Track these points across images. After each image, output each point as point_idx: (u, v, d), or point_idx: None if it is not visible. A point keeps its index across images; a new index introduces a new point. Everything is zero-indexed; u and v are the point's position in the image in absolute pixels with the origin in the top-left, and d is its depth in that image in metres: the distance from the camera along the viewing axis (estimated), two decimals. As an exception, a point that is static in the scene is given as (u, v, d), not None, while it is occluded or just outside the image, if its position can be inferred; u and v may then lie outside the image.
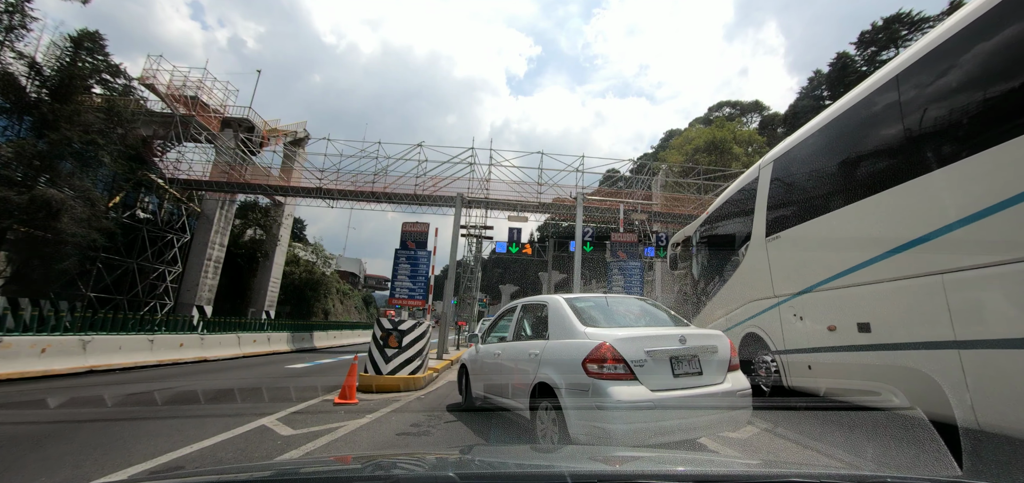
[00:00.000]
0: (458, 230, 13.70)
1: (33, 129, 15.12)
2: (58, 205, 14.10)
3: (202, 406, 6.22)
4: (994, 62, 3.13)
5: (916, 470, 3.30)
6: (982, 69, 3.23)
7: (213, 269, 22.61)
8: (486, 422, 4.92)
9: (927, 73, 3.65)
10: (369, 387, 7.05)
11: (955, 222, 3.28)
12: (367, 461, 1.68)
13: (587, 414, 3.15)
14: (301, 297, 32.04)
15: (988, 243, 3.08)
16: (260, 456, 3.69)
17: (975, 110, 3.23)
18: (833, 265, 4.48)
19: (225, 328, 15.81)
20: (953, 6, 31.08)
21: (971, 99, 3.27)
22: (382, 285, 69.61)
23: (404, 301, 8.57)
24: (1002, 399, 3.03)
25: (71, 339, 9.70)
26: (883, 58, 37.47)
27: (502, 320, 5.60)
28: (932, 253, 3.45)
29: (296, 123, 28.31)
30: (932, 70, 3.61)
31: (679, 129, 58.03)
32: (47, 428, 4.72)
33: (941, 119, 3.49)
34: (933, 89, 3.58)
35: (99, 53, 17.14)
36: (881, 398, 4.00)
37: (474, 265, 26.28)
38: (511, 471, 1.59)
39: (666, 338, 3.42)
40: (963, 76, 3.37)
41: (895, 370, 3.80)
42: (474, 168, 22.13)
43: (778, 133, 46.26)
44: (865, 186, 4.17)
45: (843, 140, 4.67)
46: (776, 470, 1.57)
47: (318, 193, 22.32)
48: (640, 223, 19.50)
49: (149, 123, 22.03)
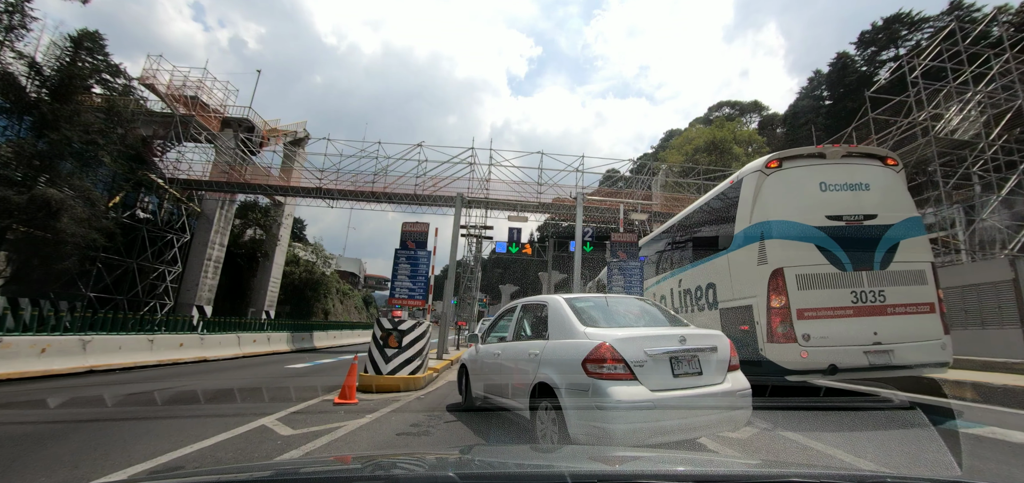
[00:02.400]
0: (458, 230, 13.69)
1: (33, 129, 15.11)
2: (58, 205, 14.09)
3: (202, 406, 6.22)
4: (709, 221, 7.64)
5: (916, 470, 3.30)
6: (706, 223, 7.85)
7: (213, 269, 22.61)
8: (486, 422, 4.92)
9: (670, 235, 9.62)
10: (369, 387, 7.05)
11: (685, 266, 8.34)
12: (367, 461, 1.68)
13: (587, 414, 3.15)
14: (301, 297, 32.04)
15: (692, 275, 7.89)
16: (260, 456, 3.69)
17: (698, 240, 8.06)
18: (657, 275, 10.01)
19: (225, 328, 15.80)
20: (953, 6, 31.09)
21: (697, 236, 8.14)
22: (382, 285, 69.60)
23: (404, 301, 8.54)
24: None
25: (71, 339, 9.70)
26: (883, 58, 37.47)
27: (502, 320, 5.60)
28: (680, 275, 8.52)
29: (296, 123, 28.32)
30: (677, 230, 9.22)
31: (679, 129, 58.02)
32: (47, 428, 4.72)
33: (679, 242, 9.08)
34: (682, 233, 8.92)
35: (99, 53, 17.12)
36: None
37: (474, 265, 26.28)
38: (511, 471, 1.59)
39: (666, 338, 3.42)
40: (694, 228, 8.34)
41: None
42: (474, 168, 22.16)
43: (777, 133, 46.27)
44: (670, 255, 9.52)
45: (662, 239, 10.36)
46: (776, 470, 1.57)
47: (318, 193, 22.32)
48: (640, 223, 19.49)
49: (149, 123, 22.03)
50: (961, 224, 15.25)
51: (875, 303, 5.28)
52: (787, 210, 5.62)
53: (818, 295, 5.31)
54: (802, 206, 5.60)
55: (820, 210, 5.55)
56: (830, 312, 5.29)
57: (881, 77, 31.82)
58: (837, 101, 38.64)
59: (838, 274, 5.36)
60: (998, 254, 13.61)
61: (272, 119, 26.69)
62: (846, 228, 5.48)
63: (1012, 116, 14.71)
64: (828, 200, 5.61)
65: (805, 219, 5.53)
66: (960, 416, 4.99)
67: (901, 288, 5.35)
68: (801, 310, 5.26)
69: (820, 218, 5.51)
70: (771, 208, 5.71)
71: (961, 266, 12.48)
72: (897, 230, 5.52)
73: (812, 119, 37.97)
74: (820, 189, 5.66)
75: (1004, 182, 14.20)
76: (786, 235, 5.52)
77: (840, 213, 5.53)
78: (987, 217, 14.12)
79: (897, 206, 5.69)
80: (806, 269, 5.36)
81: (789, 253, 5.44)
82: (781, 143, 42.57)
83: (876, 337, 5.20)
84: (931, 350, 5.25)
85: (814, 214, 5.54)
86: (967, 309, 10.66)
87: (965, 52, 15.62)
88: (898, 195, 5.81)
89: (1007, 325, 9.86)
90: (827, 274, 5.36)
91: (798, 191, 5.70)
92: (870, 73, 36.63)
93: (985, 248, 14.67)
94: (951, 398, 6.07)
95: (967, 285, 10.75)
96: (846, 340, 5.19)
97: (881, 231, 5.50)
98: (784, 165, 5.86)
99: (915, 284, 5.41)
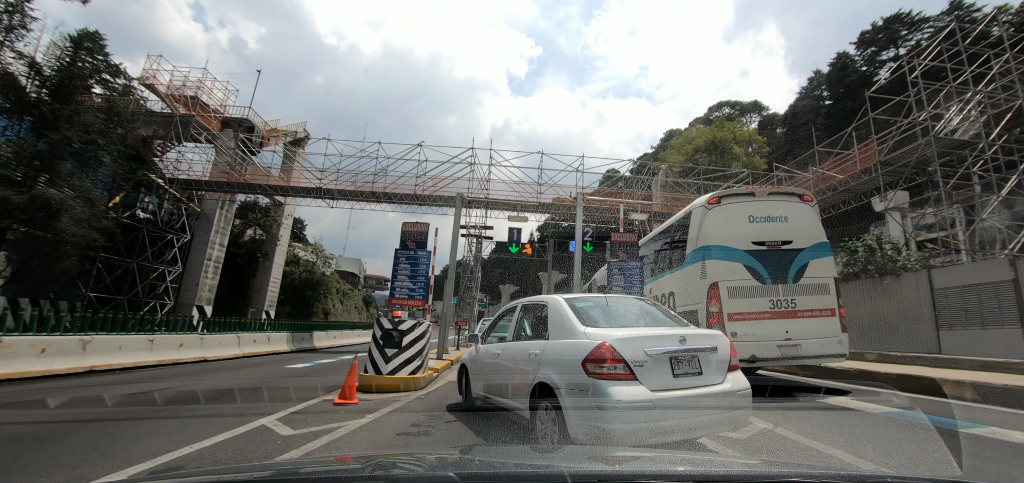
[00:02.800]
0: (458, 230, 13.70)
1: (33, 129, 15.10)
2: (58, 205, 14.09)
3: (202, 406, 6.22)
4: (671, 242, 9.12)
5: (916, 470, 3.31)
6: (668, 243, 9.33)
7: (213, 269, 22.61)
8: (486, 422, 4.91)
9: (650, 246, 10.72)
10: (369, 387, 7.05)
11: (656, 276, 9.81)
12: (367, 461, 1.68)
13: (587, 414, 3.15)
14: (301, 297, 32.02)
15: (660, 284, 9.35)
16: (260, 456, 3.69)
17: (663, 256, 9.63)
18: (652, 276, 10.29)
19: (225, 328, 15.80)
20: (953, 6, 31.08)
21: (662, 252, 9.76)
22: (382, 285, 69.61)
23: (404, 301, 8.54)
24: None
25: (71, 339, 9.70)
26: (883, 58, 37.45)
27: (502, 320, 5.60)
28: (651, 284, 9.93)
29: (296, 123, 28.32)
30: (653, 243, 10.54)
31: (679, 129, 58.04)
32: (47, 428, 4.72)
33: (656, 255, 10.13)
34: (652, 248, 10.47)
35: (99, 53, 17.11)
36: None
37: (474, 265, 26.28)
38: (511, 471, 1.59)
39: (666, 338, 3.42)
40: (661, 246, 9.91)
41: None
42: (474, 168, 22.15)
43: (777, 133, 46.27)
44: (658, 258, 10.04)
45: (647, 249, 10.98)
46: (776, 470, 1.57)
47: (318, 193, 22.32)
48: (640, 223, 19.49)
49: (149, 123, 22.03)
50: (961, 224, 15.26)
51: (788, 309, 6.72)
52: (723, 237, 7.08)
53: (744, 302, 6.73)
54: (734, 234, 7.04)
55: (748, 237, 7.01)
56: (753, 315, 6.68)
57: (881, 77, 31.83)
58: (837, 101, 38.64)
59: (760, 286, 6.79)
60: (998, 254, 13.62)
61: (272, 119, 26.72)
62: (767, 251, 6.95)
63: (1012, 116, 14.71)
64: (755, 229, 7.06)
65: (736, 244, 6.99)
66: (960, 416, 5.00)
67: (809, 297, 6.78)
68: (731, 314, 6.64)
69: (748, 243, 6.98)
70: (711, 235, 7.18)
71: (961, 266, 12.48)
72: (808, 253, 6.97)
73: (812, 119, 37.94)
74: (748, 221, 7.12)
75: (1004, 182, 14.20)
76: (721, 257, 6.99)
77: (763, 239, 7.00)
78: (987, 217, 14.13)
79: (810, 234, 7.11)
80: (735, 283, 6.80)
81: (723, 270, 6.88)
82: (781, 143, 42.59)
83: (787, 334, 6.59)
84: (830, 345, 6.67)
85: (743, 240, 6.99)
86: (967, 309, 10.65)
87: (965, 52, 15.62)
88: (811, 225, 7.21)
89: (1007, 325, 9.85)
90: (751, 286, 6.80)
91: (731, 222, 7.14)
92: (870, 73, 36.64)
93: (985, 248, 14.68)
94: (951, 398, 6.08)
95: (967, 285, 10.74)
96: (764, 337, 6.57)
97: (795, 253, 6.95)
98: (722, 202, 7.36)
99: (820, 294, 6.82)
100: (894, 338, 12.14)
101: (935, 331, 11.20)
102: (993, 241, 14.64)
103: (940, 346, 10.99)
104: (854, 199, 19.24)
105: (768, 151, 38.97)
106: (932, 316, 11.31)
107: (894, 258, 13.21)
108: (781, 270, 6.84)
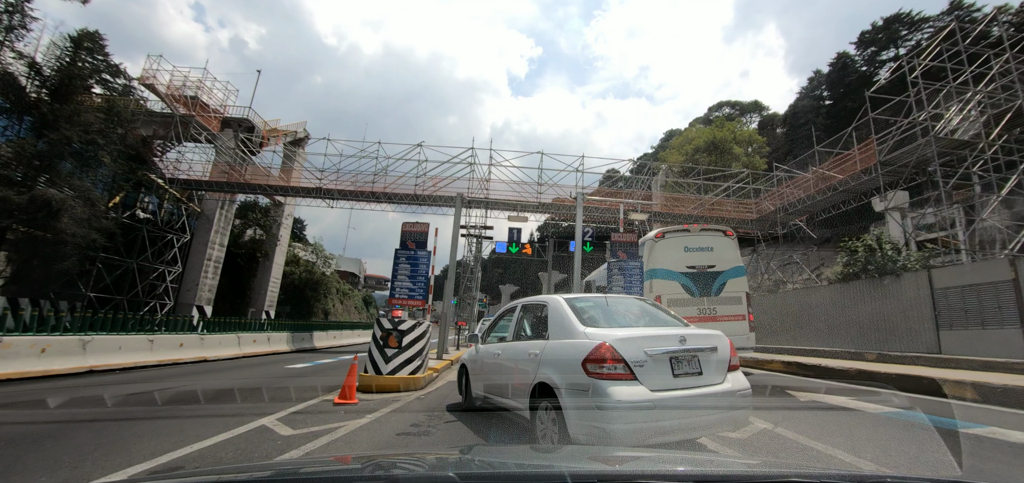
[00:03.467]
0: (458, 230, 13.69)
1: (33, 129, 15.09)
2: (58, 205, 14.09)
3: (202, 406, 6.22)
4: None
5: (916, 470, 3.30)
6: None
7: (213, 269, 22.60)
8: (486, 422, 4.91)
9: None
10: (369, 387, 7.04)
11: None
12: (367, 461, 1.68)
13: (587, 414, 3.14)
14: (301, 297, 32.03)
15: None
16: (260, 456, 3.69)
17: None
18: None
19: (225, 328, 15.80)
20: (953, 6, 31.09)
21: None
22: (382, 285, 69.61)
23: (404, 301, 8.54)
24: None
25: (71, 339, 9.69)
26: (883, 58, 37.45)
27: (502, 320, 5.60)
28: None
29: (296, 123, 28.31)
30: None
31: (679, 129, 58.04)
32: (47, 428, 4.72)
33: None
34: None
35: (99, 53, 17.11)
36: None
37: (474, 265, 26.28)
38: (511, 471, 1.59)
39: (666, 338, 3.41)
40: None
41: None
42: (474, 168, 22.15)
43: (777, 133, 46.27)
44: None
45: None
46: (776, 470, 1.57)
47: (318, 193, 22.32)
48: (640, 223, 19.48)
49: (149, 123, 22.02)
50: (961, 224, 15.26)
51: (711, 315, 8.71)
52: (665, 263, 9.10)
53: (679, 310, 7.85)
54: (673, 260, 9.09)
55: (683, 263, 9.05)
56: (686, 320, 7.88)
57: (881, 77, 31.82)
58: (837, 101, 38.65)
59: (691, 298, 8.83)
60: (998, 254, 13.62)
61: (272, 119, 26.70)
62: (697, 273, 8.99)
63: (1012, 116, 14.72)
64: (688, 256, 9.08)
65: (674, 268, 9.03)
66: (960, 416, 4.99)
67: (727, 306, 8.83)
68: None
69: (683, 267, 9.03)
70: (657, 261, 9.19)
71: (961, 266, 12.47)
72: (727, 274, 9.00)
73: (812, 119, 37.93)
74: (684, 250, 9.13)
75: (1004, 182, 14.20)
76: (664, 277, 9.02)
77: (694, 264, 9.05)
78: (987, 217, 14.13)
79: (729, 260, 9.13)
80: (674, 296, 8.78)
81: (665, 287, 8.92)
82: (781, 143, 42.58)
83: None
84: (741, 340, 8.46)
85: (680, 265, 9.04)
86: (967, 309, 10.66)
87: (965, 52, 15.62)
88: (731, 253, 9.22)
89: (1007, 325, 9.86)
90: (685, 298, 8.81)
91: (671, 251, 9.17)
92: (870, 73, 36.64)
93: (985, 248, 14.69)
94: (951, 398, 6.08)
95: (967, 285, 10.75)
96: None
97: (717, 274, 9.00)
98: (666, 236, 9.38)
99: (735, 304, 8.87)
100: (894, 338, 12.14)
101: (935, 331, 11.21)
102: (993, 241, 14.65)
103: (940, 346, 11.00)
104: (854, 199, 19.24)
105: (768, 151, 38.99)
106: (932, 316, 11.32)
107: (894, 258, 13.22)
108: (707, 286, 8.92)
